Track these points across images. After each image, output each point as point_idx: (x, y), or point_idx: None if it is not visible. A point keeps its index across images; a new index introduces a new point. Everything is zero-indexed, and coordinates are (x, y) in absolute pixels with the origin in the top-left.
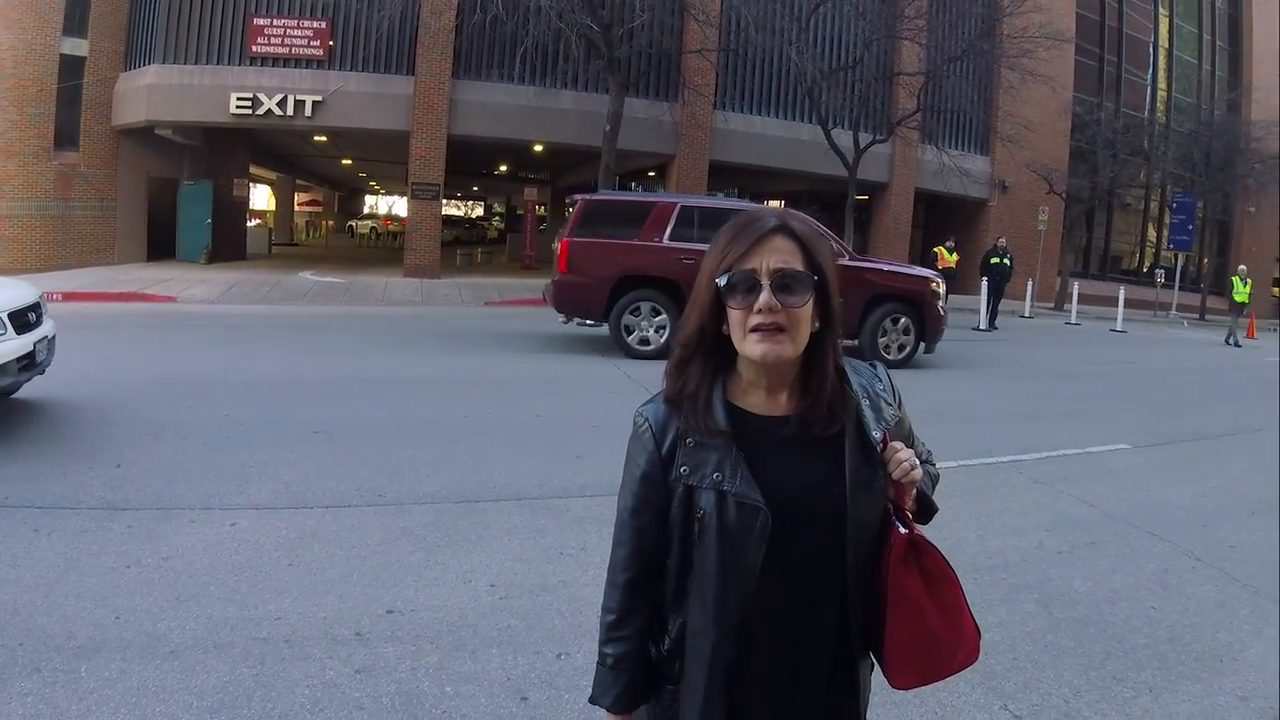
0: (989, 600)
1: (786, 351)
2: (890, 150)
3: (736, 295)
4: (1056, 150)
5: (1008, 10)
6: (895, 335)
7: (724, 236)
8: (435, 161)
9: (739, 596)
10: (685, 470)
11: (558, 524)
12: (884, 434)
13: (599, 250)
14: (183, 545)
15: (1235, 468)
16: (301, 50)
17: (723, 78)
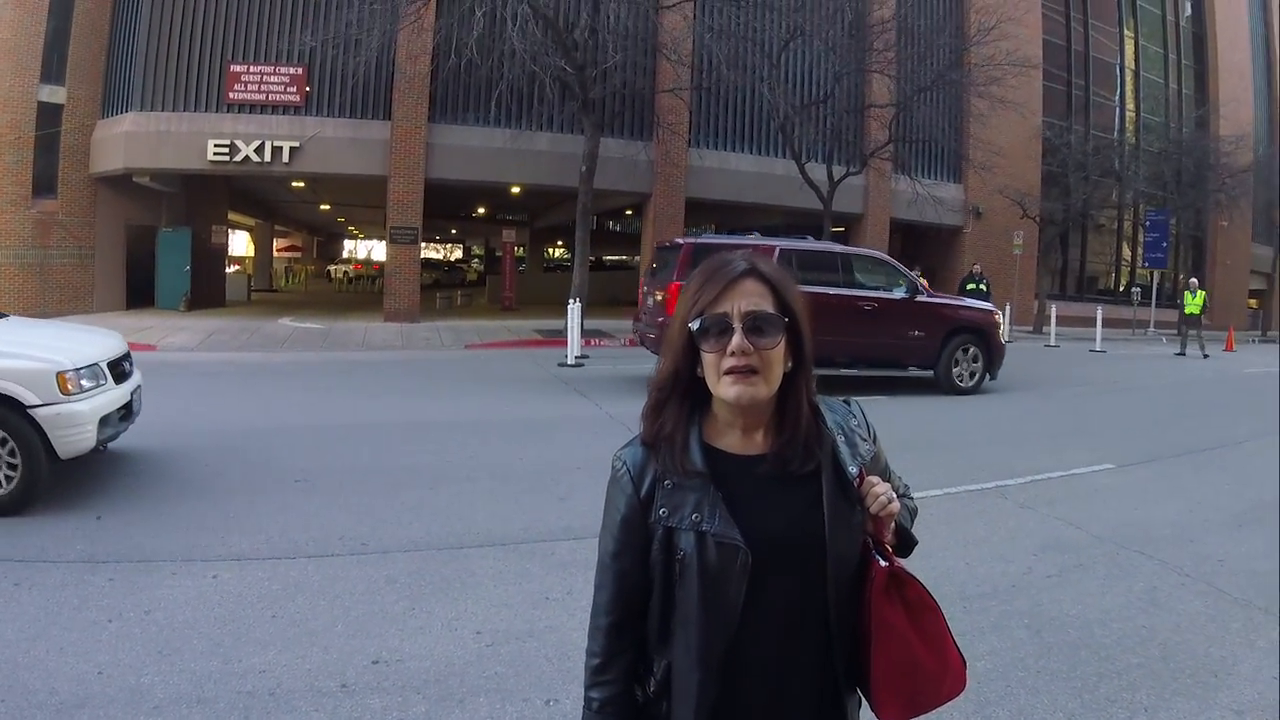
0: (979, 628)
1: (760, 392)
2: (864, 182)
3: (709, 338)
4: (1029, 175)
5: (975, 39)
6: (966, 364)
7: (695, 281)
8: (413, 205)
9: (722, 635)
10: (664, 512)
11: (543, 568)
12: (860, 469)
13: None
14: (164, 598)
15: (1219, 482)
16: (278, 97)
17: (696, 115)
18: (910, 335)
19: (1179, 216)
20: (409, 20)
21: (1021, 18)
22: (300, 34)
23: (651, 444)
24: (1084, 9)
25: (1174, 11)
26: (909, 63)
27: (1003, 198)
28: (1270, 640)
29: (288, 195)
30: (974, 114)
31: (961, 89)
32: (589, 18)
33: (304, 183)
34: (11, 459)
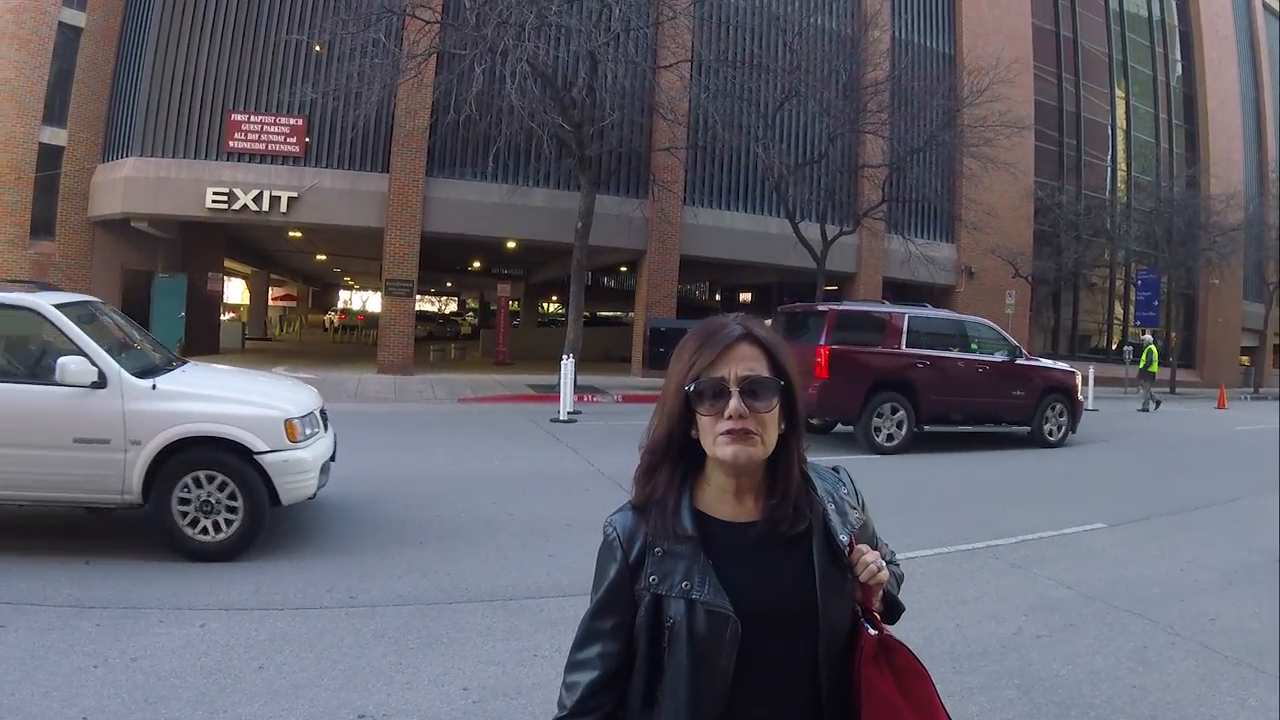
0: (969, 688)
1: (757, 452)
2: (857, 241)
3: (705, 402)
4: (1020, 234)
5: (967, 101)
6: (1054, 419)
7: (690, 345)
8: (409, 258)
9: (711, 704)
10: (654, 579)
11: (531, 625)
12: (850, 537)
13: (854, 357)
14: (151, 646)
15: (1210, 540)
16: (278, 147)
17: (691, 174)
18: (1012, 395)
19: (1170, 275)
20: (409, 75)
21: (1013, 79)
22: (301, 85)
23: (642, 507)
24: (1075, 70)
25: (1164, 72)
26: (902, 124)
27: (995, 257)
28: (1260, 699)
29: (284, 244)
30: (966, 174)
31: (954, 149)
32: (587, 76)
33: (301, 233)
34: (232, 503)
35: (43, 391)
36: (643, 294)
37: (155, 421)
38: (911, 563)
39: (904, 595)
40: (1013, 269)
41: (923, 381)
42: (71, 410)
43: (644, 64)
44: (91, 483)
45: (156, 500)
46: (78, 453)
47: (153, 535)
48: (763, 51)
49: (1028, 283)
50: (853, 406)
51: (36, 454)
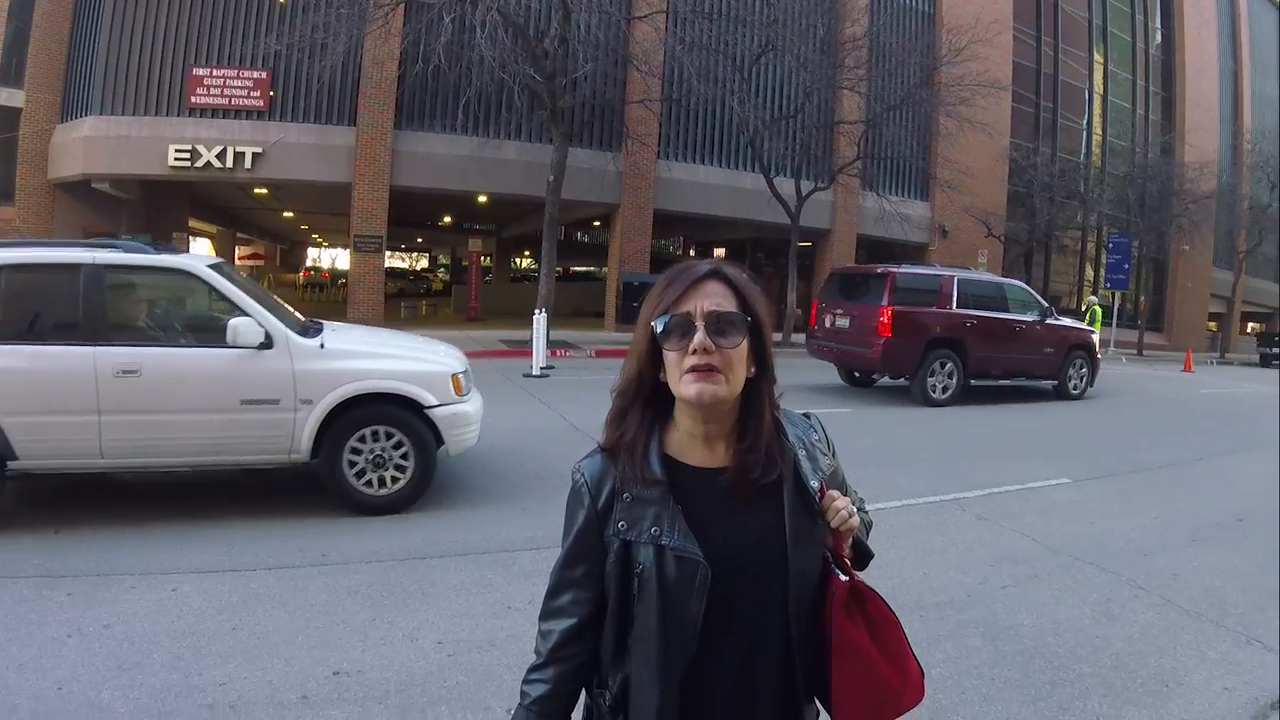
0: (935, 637)
1: (721, 391)
2: (832, 197)
3: (672, 338)
4: (995, 194)
5: (945, 59)
6: (1076, 374)
7: (660, 284)
8: (378, 213)
9: (682, 650)
10: (623, 525)
11: (505, 578)
12: (821, 483)
13: (913, 317)
14: (124, 612)
15: (1174, 498)
16: (241, 101)
17: (666, 127)
18: (1043, 351)
19: (1141, 239)
20: (376, 25)
21: (993, 39)
22: (264, 38)
23: (612, 450)
24: (1055, 33)
25: (1144, 39)
26: (879, 80)
27: (969, 217)
28: (1220, 653)
29: (251, 202)
30: (942, 133)
31: (931, 108)
32: (559, 26)
33: (267, 189)
34: (403, 460)
35: (210, 355)
36: (616, 249)
37: (326, 380)
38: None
39: (913, 540)
40: (986, 229)
41: (971, 339)
42: (239, 372)
43: (618, 14)
44: (260, 444)
45: (327, 457)
46: (246, 414)
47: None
48: (739, 4)
49: (1000, 243)
50: (911, 363)
51: (204, 419)
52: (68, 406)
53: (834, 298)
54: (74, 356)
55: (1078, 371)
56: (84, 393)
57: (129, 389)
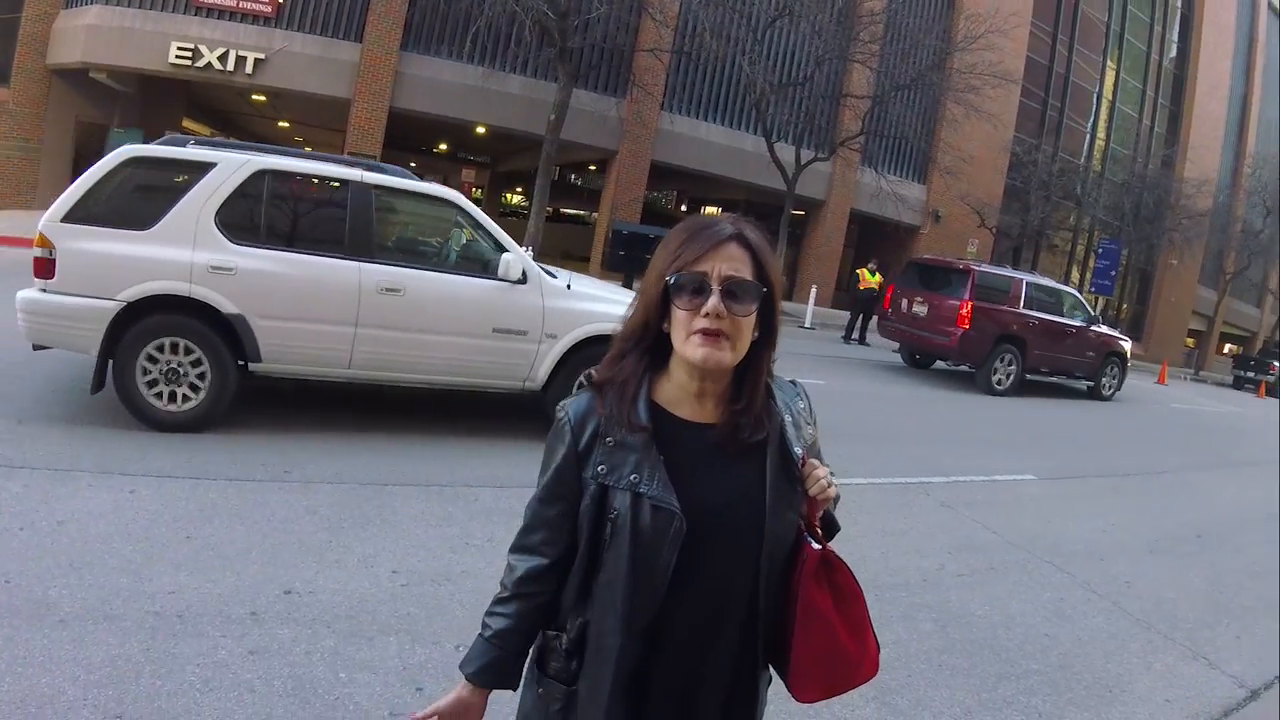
0: (888, 617)
1: (726, 358)
2: (830, 169)
3: (684, 295)
4: (992, 186)
5: (960, 45)
6: (1108, 378)
7: (678, 236)
8: (374, 132)
9: (649, 600)
10: (603, 469)
11: (466, 513)
12: (803, 451)
13: (988, 312)
14: (79, 510)
15: (1135, 506)
16: (248, 4)
17: (673, 79)
18: (1086, 354)
19: (1131, 248)
20: None
21: (1009, 31)
22: None
23: (601, 385)
24: (1071, 33)
25: (1159, 51)
26: (892, 58)
27: (963, 204)
28: (1165, 665)
29: (247, 108)
30: (948, 118)
31: (939, 92)
32: None
33: (265, 97)
34: None
35: (471, 283)
36: (609, 195)
37: (571, 318)
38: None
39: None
40: (979, 218)
41: (1032, 337)
42: (495, 303)
43: None
44: (503, 370)
45: (557, 388)
46: (495, 342)
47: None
48: None
49: (992, 234)
50: (982, 353)
51: (456, 341)
52: (326, 316)
53: (913, 285)
54: (340, 269)
55: (1110, 375)
56: (345, 305)
57: (390, 306)
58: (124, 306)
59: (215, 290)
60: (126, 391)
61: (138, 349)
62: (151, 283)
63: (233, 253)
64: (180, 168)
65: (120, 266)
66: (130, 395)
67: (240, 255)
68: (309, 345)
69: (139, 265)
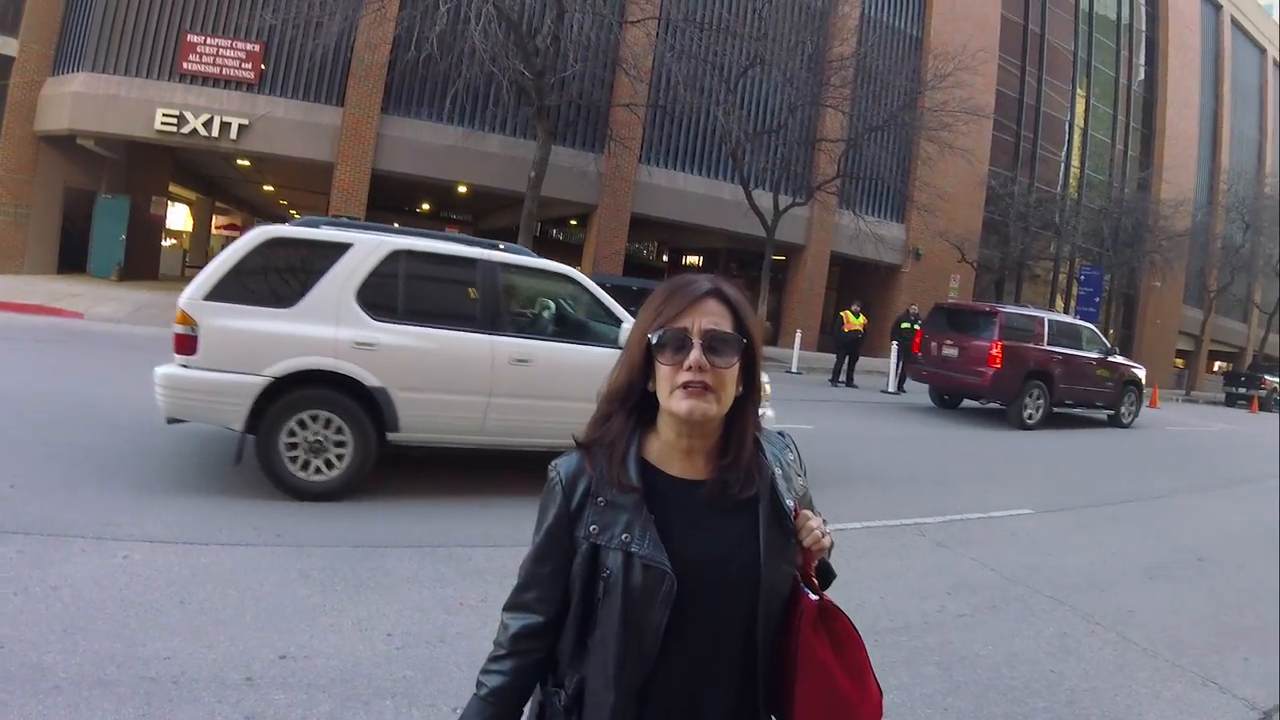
0: (890, 662)
1: (711, 410)
2: (808, 213)
3: (667, 351)
4: (970, 220)
5: (930, 84)
6: (1127, 406)
7: (658, 296)
8: (358, 194)
9: (640, 659)
10: (594, 529)
11: (459, 573)
12: (795, 503)
13: (1017, 351)
14: (73, 575)
15: (1133, 534)
16: (232, 71)
17: (649, 132)
18: (1106, 385)
19: (1113, 273)
20: (372, 8)
21: (978, 67)
22: (261, 10)
23: (589, 447)
24: (1039, 65)
25: (1128, 75)
26: (863, 101)
27: (943, 241)
28: (1175, 693)
29: (232, 172)
30: (922, 157)
31: (912, 131)
32: (553, 25)
33: (250, 161)
34: None
35: (595, 352)
36: (591, 249)
37: None
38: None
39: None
40: (959, 254)
41: (1058, 372)
42: (607, 368)
43: (611, 17)
44: None
45: None
46: None
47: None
48: (731, 16)
49: (973, 268)
50: (1014, 390)
51: (581, 407)
52: (462, 387)
53: (941, 329)
54: (473, 343)
55: (1129, 403)
56: (479, 376)
57: (520, 376)
58: (271, 381)
59: (359, 365)
60: (270, 463)
61: (283, 422)
62: (299, 358)
63: (374, 329)
64: (319, 248)
65: (266, 343)
66: (274, 466)
67: (381, 331)
68: (445, 415)
69: (285, 341)
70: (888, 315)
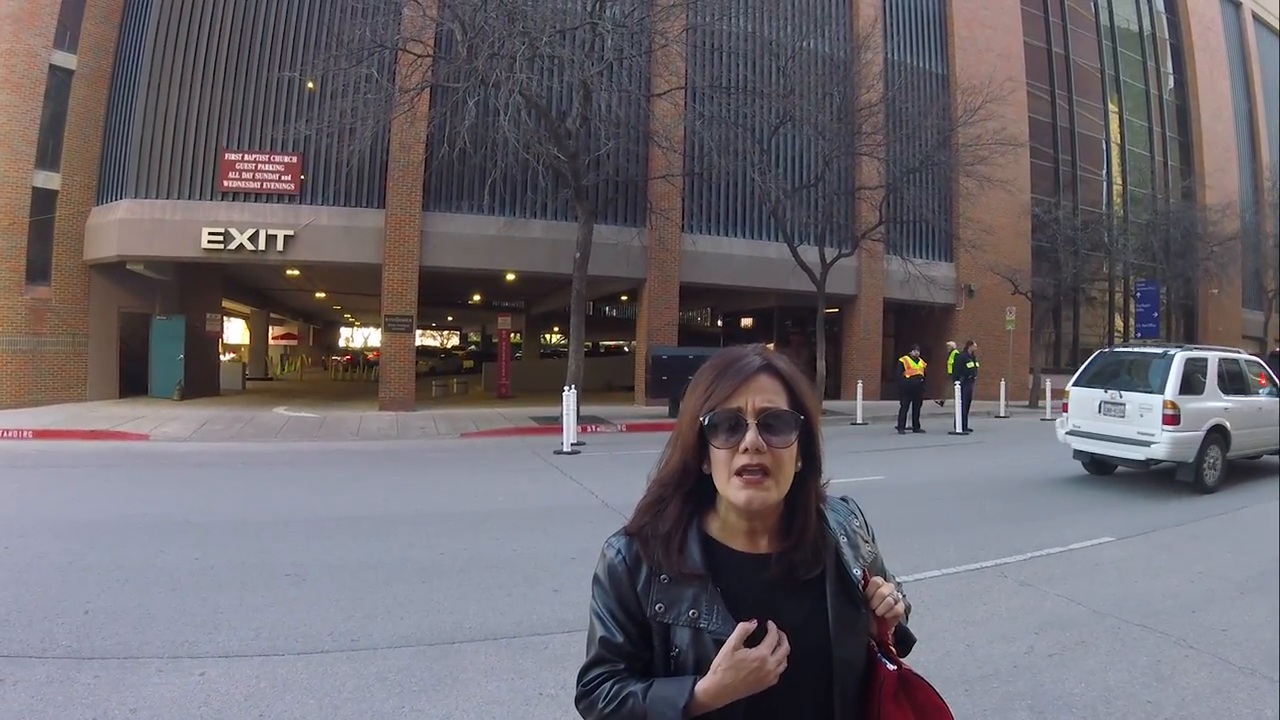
0: (982, 711)
1: (771, 496)
2: (856, 263)
3: (721, 434)
4: (1019, 251)
5: (961, 120)
6: None
7: (707, 374)
8: (408, 293)
9: None
10: (660, 608)
11: (536, 663)
12: (864, 570)
13: None
14: (150, 696)
15: (1218, 550)
16: (273, 185)
17: (688, 201)
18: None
19: (1169, 286)
20: (402, 109)
21: (1007, 97)
22: (295, 122)
23: (637, 535)
24: (1069, 86)
25: (1157, 86)
26: (897, 145)
27: (994, 275)
28: (1275, 709)
29: (283, 283)
30: (963, 193)
31: (950, 169)
32: (580, 106)
33: (299, 271)
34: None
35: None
36: (643, 322)
37: None
38: None
39: None
40: (1012, 286)
41: (1232, 421)
42: None
43: (638, 92)
44: None
45: None
46: None
47: (154, 582)
48: (756, 77)
49: (1028, 299)
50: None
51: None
52: (1250, 424)
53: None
54: (1258, 401)
55: None
56: (1255, 417)
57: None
58: (1206, 430)
59: (1225, 418)
60: (1198, 474)
61: (1205, 450)
62: (1212, 419)
63: (1225, 400)
64: (1196, 363)
65: (1200, 414)
66: (1199, 476)
67: (1228, 400)
68: (1250, 440)
69: (1207, 411)
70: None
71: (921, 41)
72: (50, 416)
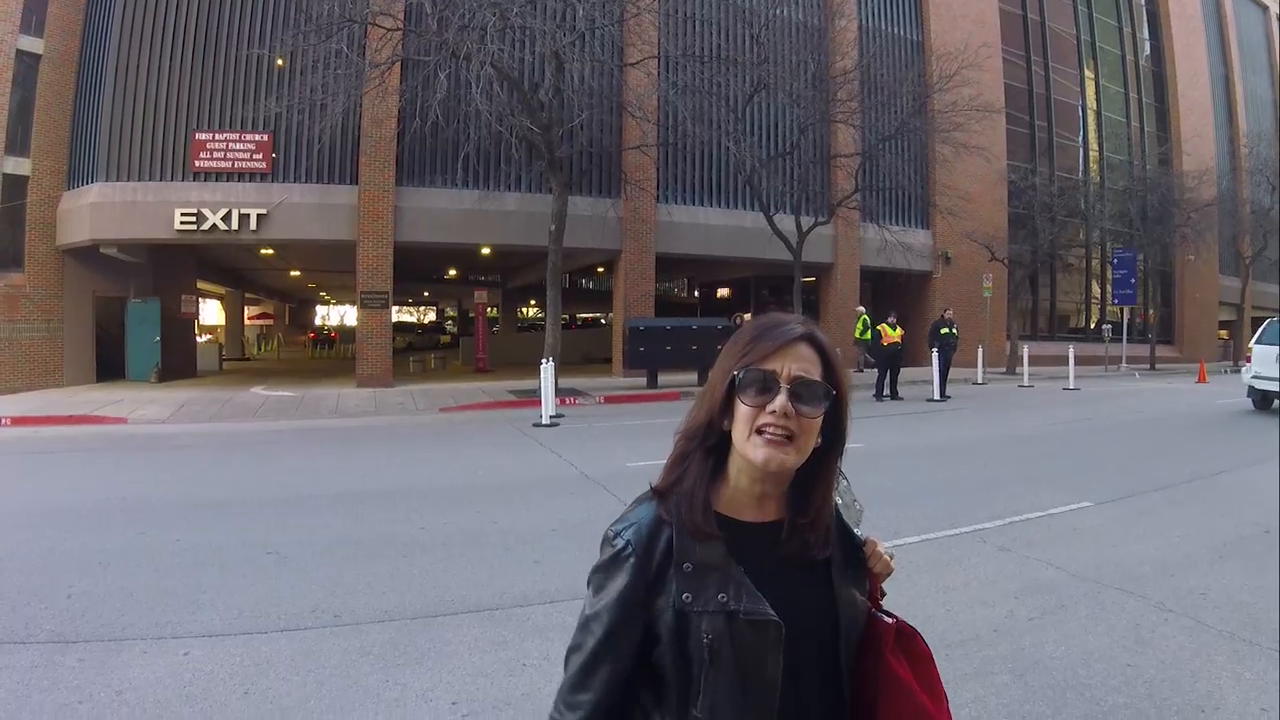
0: (962, 675)
1: (789, 460)
2: (833, 231)
3: (750, 391)
4: (995, 218)
5: (937, 86)
6: None
7: (746, 333)
8: (383, 269)
9: (762, 712)
10: (687, 598)
11: (519, 634)
12: (865, 535)
13: None
14: (135, 677)
15: (1197, 514)
16: (244, 164)
17: (663, 171)
18: None
19: (1146, 253)
20: (373, 84)
21: (982, 64)
22: (265, 100)
23: (664, 493)
24: (1044, 52)
25: (1133, 51)
26: (872, 112)
27: (971, 242)
28: (1255, 673)
29: (257, 263)
30: (939, 160)
31: (925, 136)
32: (553, 77)
33: (273, 250)
34: None
35: None
36: (620, 294)
37: None
38: None
39: None
40: (989, 253)
41: None
42: None
43: (610, 62)
44: None
45: None
46: None
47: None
48: (729, 45)
49: (1004, 266)
50: None
51: None
52: None
53: None
54: None
55: None
56: None
57: None
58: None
59: None
60: None
61: None
62: None
63: None
64: None
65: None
66: None
67: None
68: None
69: None
70: (924, 323)
71: (896, 7)
72: (28, 403)
